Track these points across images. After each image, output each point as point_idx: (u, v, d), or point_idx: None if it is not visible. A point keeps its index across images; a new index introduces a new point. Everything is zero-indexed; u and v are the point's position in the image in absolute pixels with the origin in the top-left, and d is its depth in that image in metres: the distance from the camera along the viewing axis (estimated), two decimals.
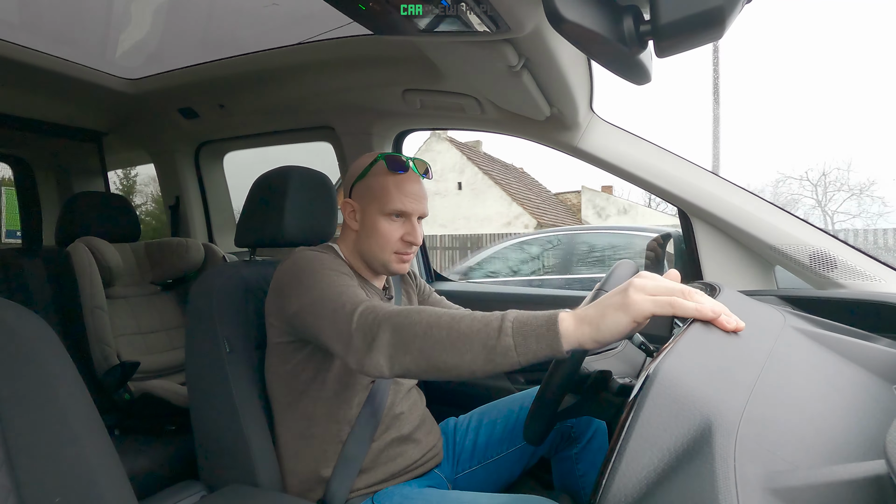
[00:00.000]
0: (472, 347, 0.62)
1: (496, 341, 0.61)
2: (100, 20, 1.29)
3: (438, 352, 0.64)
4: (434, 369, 0.65)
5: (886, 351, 0.63)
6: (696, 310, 0.55)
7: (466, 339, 0.63)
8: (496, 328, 0.62)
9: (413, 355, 0.66)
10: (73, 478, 0.56)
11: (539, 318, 0.61)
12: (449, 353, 0.63)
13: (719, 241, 1.23)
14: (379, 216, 0.94)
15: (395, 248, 0.95)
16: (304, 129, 1.88)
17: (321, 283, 0.82)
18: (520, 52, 0.92)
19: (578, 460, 1.07)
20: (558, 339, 0.59)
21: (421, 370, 0.67)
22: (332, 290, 0.80)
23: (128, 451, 1.33)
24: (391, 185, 0.94)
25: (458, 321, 0.65)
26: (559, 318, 0.60)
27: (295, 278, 0.86)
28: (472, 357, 0.62)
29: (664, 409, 0.42)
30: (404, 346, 0.67)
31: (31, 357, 0.59)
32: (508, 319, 0.62)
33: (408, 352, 0.66)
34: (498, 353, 0.61)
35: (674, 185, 1.22)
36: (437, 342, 0.64)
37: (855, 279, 1.06)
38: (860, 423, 0.48)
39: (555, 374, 0.78)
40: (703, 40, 0.53)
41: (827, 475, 0.36)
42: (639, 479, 0.39)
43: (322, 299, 0.79)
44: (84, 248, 1.57)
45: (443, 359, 0.64)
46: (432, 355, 0.64)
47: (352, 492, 0.91)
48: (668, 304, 0.56)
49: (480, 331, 0.63)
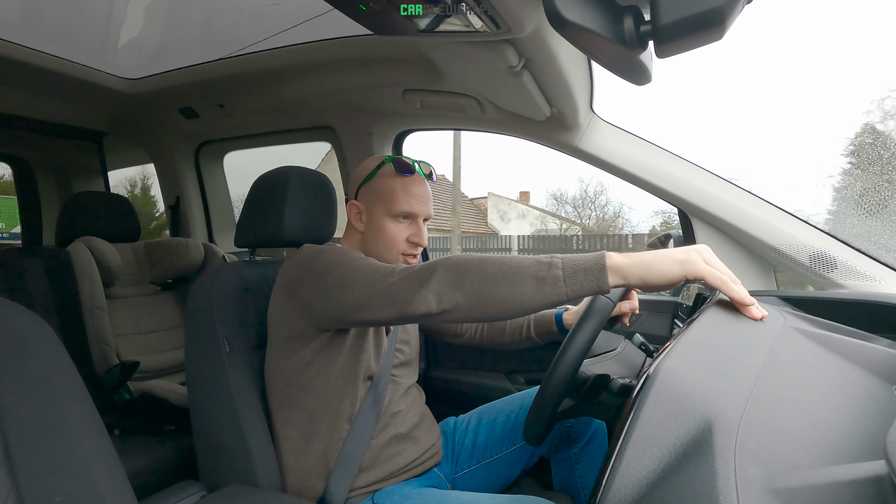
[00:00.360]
0: (523, 279, 0.66)
1: (546, 272, 0.66)
2: (100, 20, 1.29)
3: (490, 283, 0.67)
4: (485, 301, 0.68)
5: (886, 351, 0.63)
6: (739, 293, 0.62)
7: (517, 272, 0.67)
8: (546, 262, 0.66)
9: (465, 290, 0.69)
10: (72, 477, 0.56)
11: (588, 256, 0.66)
12: (501, 285, 0.67)
13: (719, 242, 1.23)
14: (385, 217, 0.95)
15: (401, 249, 0.96)
16: (304, 128, 1.88)
17: (346, 261, 0.81)
18: (520, 53, 0.92)
19: (578, 460, 1.07)
20: (605, 272, 0.64)
21: (471, 304, 0.69)
22: (363, 262, 0.81)
23: (127, 450, 1.33)
24: (398, 187, 0.95)
25: (510, 259, 0.69)
26: (607, 254, 0.65)
27: (310, 266, 0.85)
28: (522, 288, 0.66)
29: (664, 409, 0.42)
30: (456, 281, 0.69)
31: (30, 357, 0.59)
32: (559, 256, 0.67)
33: (459, 286, 0.69)
34: (548, 284, 0.65)
35: (674, 185, 1.22)
36: (489, 275, 0.68)
37: (855, 280, 1.06)
38: (860, 423, 0.48)
39: (554, 376, 0.78)
40: (704, 41, 0.53)
41: (827, 475, 0.36)
42: (639, 479, 0.39)
43: (353, 271, 0.79)
44: (84, 247, 1.57)
45: (494, 289, 0.67)
46: (484, 287, 0.67)
47: (351, 491, 0.91)
48: (720, 280, 0.63)
49: (531, 265, 0.67)
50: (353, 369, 0.92)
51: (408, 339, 1.06)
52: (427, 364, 1.61)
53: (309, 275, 0.85)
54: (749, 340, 0.57)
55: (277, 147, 2.04)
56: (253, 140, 2.08)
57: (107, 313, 1.56)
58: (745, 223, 1.16)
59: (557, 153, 1.37)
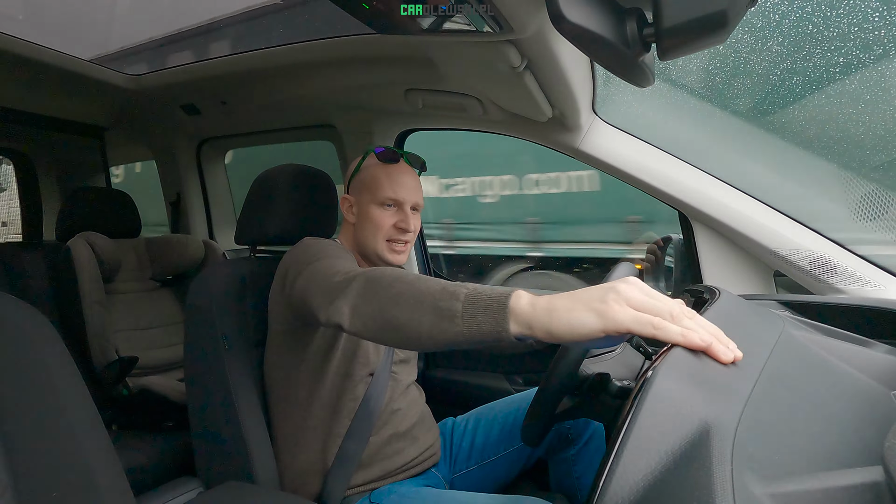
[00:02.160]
0: (423, 307, 0.58)
1: (447, 304, 0.57)
2: (103, 16, 1.29)
3: (393, 306, 0.60)
4: (387, 325, 0.61)
5: (885, 357, 0.63)
6: (681, 335, 0.48)
7: (421, 298, 0.59)
8: (451, 292, 0.58)
9: (373, 307, 0.63)
10: (70, 473, 0.56)
11: (495, 292, 0.56)
12: (402, 309, 0.59)
13: (720, 245, 1.23)
14: (372, 205, 0.97)
15: (387, 236, 0.97)
16: (305, 127, 1.88)
17: (321, 255, 0.83)
18: (522, 54, 0.92)
19: (575, 462, 1.07)
20: (506, 316, 0.53)
21: (377, 326, 0.63)
22: (331, 260, 0.81)
23: (125, 446, 1.33)
24: (382, 176, 0.97)
25: (424, 281, 0.61)
26: (515, 294, 0.55)
27: (299, 257, 0.87)
28: (420, 317, 0.58)
29: (662, 412, 0.42)
30: (369, 297, 0.64)
31: (29, 351, 0.59)
32: (468, 287, 0.58)
33: (370, 302, 0.63)
34: (444, 318, 0.56)
35: (675, 188, 1.22)
36: (396, 295, 0.61)
37: (855, 285, 1.06)
38: (858, 429, 0.48)
39: (553, 376, 0.78)
40: (707, 44, 0.52)
41: (824, 481, 0.36)
42: (635, 483, 0.39)
43: (319, 269, 0.78)
44: (84, 243, 1.57)
45: (395, 314, 0.60)
46: (388, 309, 0.61)
47: (349, 489, 0.91)
48: (650, 324, 0.49)
49: (437, 292, 0.58)
50: (351, 365, 0.92)
51: None
52: (426, 364, 1.61)
53: (294, 265, 0.86)
54: (748, 344, 0.57)
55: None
56: (254, 137, 2.08)
57: (106, 309, 1.56)
58: (746, 227, 1.16)
59: None
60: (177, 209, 2.20)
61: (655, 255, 1.42)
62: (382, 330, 0.62)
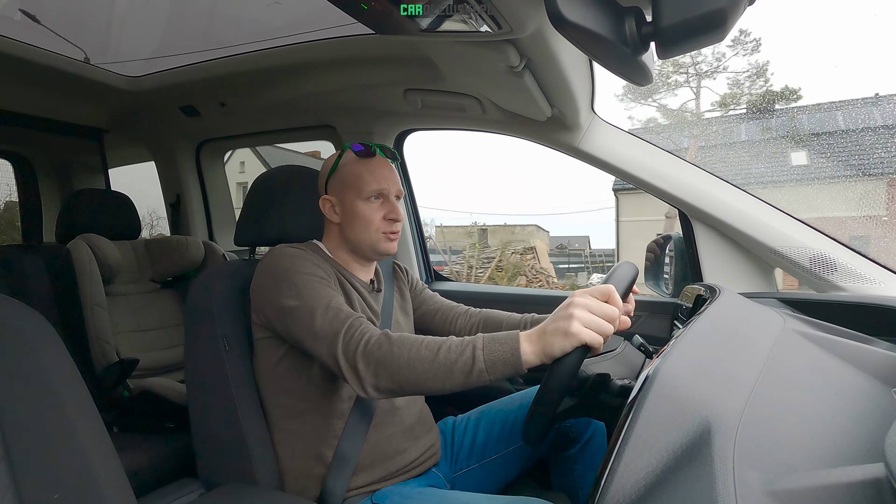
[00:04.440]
0: (453, 375, 0.74)
1: (471, 367, 0.73)
2: (102, 18, 1.29)
3: (423, 381, 0.75)
4: (418, 392, 0.77)
5: (886, 354, 0.63)
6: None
7: (447, 370, 0.74)
8: (470, 356, 0.73)
9: (399, 384, 0.76)
10: (71, 474, 0.56)
11: (504, 346, 0.73)
12: (433, 382, 0.75)
13: (720, 244, 1.23)
14: (358, 201, 0.97)
15: (380, 228, 0.97)
16: (305, 127, 1.88)
17: (297, 290, 0.86)
18: (521, 53, 0.92)
19: (577, 461, 1.07)
20: (520, 361, 0.71)
21: (406, 393, 0.78)
22: (309, 302, 0.84)
23: (126, 448, 1.33)
24: (363, 171, 0.97)
25: (436, 353, 0.75)
26: (520, 342, 0.72)
27: (271, 281, 0.89)
28: (451, 383, 0.74)
29: (663, 410, 0.42)
30: (389, 378, 0.76)
31: (30, 354, 0.59)
32: (479, 349, 0.73)
33: (393, 381, 0.76)
34: (473, 376, 0.73)
35: (675, 187, 1.22)
36: (420, 374, 0.75)
37: (855, 282, 1.06)
38: (859, 426, 0.48)
39: (553, 375, 0.78)
40: (705, 42, 0.52)
41: (826, 478, 0.36)
42: (637, 481, 0.39)
43: (301, 309, 0.84)
44: (84, 245, 1.57)
45: (427, 386, 0.75)
46: (417, 384, 0.75)
47: (350, 490, 0.91)
48: (598, 343, 0.68)
49: (457, 361, 0.74)
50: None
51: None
52: None
53: (269, 290, 0.89)
54: (748, 342, 0.57)
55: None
56: (254, 138, 2.08)
57: (107, 310, 1.56)
58: (746, 225, 1.16)
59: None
60: (177, 211, 2.20)
61: (655, 254, 1.42)
62: (414, 393, 0.78)
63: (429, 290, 1.20)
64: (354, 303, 0.95)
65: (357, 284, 0.99)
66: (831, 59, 16.99)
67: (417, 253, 1.84)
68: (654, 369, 0.47)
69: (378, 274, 1.08)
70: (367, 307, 0.99)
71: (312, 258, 0.92)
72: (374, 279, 1.06)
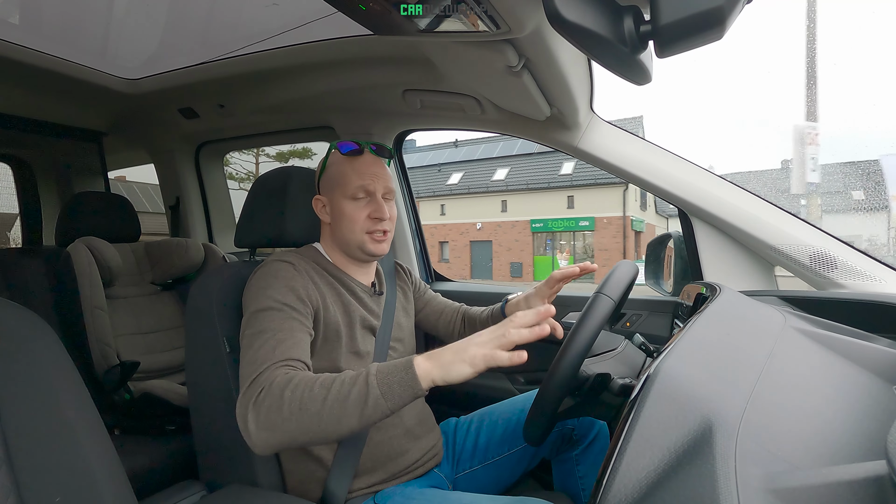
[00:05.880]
0: (347, 410, 0.69)
1: (366, 396, 0.68)
2: (100, 20, 1.29)
3: (315, 424, 0.69)
4: (314, 441, 0.72)
5: (886, 351, 0.63)
6: (508, 359, 0.66)
7: (340, 404, 0.69)
8: (363, 384, 0.69)
9: (290, 435, 0.71)
10: (73, 477, 0.56)
11: (398, 366, 0.70)
12: (327, 421, 0.69)
13: (720, 242, 1.23)
14: (343, 200, 0.96)
15: (364, 228, 0.96)
16: (304, 128, 1.88)
17: (256, 314, 0.85)
18: (520, 53, 0.92)
19: (579, 462, 1.07)
20: (417, 381, 0.68)
21: (299, 444, 0.73)
22: (256, 330, 0.83)
23: (128, 450, 1.33)
24: (348, 169, 0.97)
25: (329, 389, 0.70)
26: (414, 362, 0.69)
27: (250, 294, 0.89)
28: (347, 421, 0.69)
29: (664, 409, 0.42)
30: (276, 430, 0.71)
31: (30, 357, 0.59)
32: (372, 374, 0.70)
33: (284, 433, 0.71)
34: (370, 407, 0.68)
35: (674, 185, 1.22)
36: (312, 416, 0.69)
37: (855, 279, 1.06)
38: (860, 423, 0.48)
39: (554, 376, 0.78)
40: (704, 41, 0.52)
41: (827, 476, 0.36)
42: (639, 480, 0.39)
43: (247, 336, 0.83)
44: (84, 248, 1.57)
45: (322, 429, 0.69)
46: (309, 429, 0.70)
47: (352, 491, 0.91)
48: (492, 358, 0.66)
49: (350, 392, 0.69)
50: (329, 368, 0.91)
51: (401, 337, 1.06)
52: None
53: (246, 305, 0.89)
54: (749, 340, 0.57)
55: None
56: (253, 140, 2.08)
57: (107, 313, 1.56)
58: (746, 223, 1.16)
59: None
60: (176, 213, 2.20)
61: (655, 252, 1.42)
62: (308, 443, 0.73)
63: (431, 291, 1.20)
64: (350, 308, 0.95)
65: (356, 288, 0.99)
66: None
67: (417, 253, 1.84)
68: (655, 368, 0.47)
69: (380, 275, 1.08)
70: (367, 311, 0.99)
71: (298, 276, 0.90)
72: (376, 281, 1.06)
